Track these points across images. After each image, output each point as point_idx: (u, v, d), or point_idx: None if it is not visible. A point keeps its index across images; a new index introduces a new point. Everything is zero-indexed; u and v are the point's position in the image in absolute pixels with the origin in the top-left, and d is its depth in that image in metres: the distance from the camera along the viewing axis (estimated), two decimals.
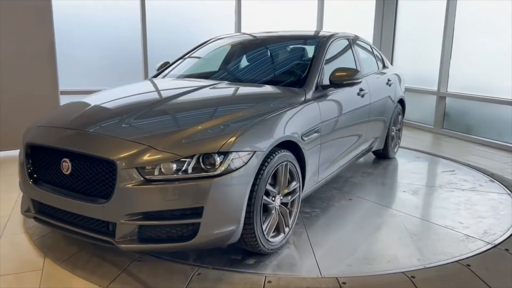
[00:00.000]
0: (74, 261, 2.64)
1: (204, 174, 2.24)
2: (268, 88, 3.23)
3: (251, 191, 2.40)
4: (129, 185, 2.20)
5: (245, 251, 2.65)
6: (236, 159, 2.32)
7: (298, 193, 2.87)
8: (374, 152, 4.97)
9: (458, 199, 3.74)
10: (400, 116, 5.17)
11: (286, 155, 2.67)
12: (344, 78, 3.28)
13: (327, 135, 3.21)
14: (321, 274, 2.47)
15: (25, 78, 5.14)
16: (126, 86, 3.46)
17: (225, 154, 2.29)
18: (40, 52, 5.17)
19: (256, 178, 2.42)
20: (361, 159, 5.00)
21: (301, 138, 2.83)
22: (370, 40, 8.39)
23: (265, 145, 2.48)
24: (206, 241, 2.31)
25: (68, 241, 2.85)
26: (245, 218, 2.40)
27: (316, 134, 3.03)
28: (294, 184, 2.81)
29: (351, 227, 3.13)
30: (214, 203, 2.25)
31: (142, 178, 2.21)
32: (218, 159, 2.27)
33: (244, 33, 4.33)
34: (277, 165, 2.59)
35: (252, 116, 2.60)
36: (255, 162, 2.40)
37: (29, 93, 5.17)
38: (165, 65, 4.16)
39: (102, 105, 2.91)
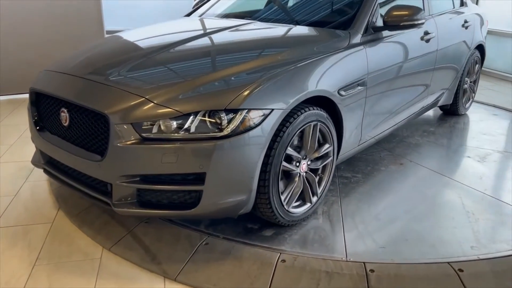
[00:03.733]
0: (83, 216, 2.49)
1: (207, 134, 1.90)
2: (305, 30, 2.73)
3: (267, 156, 2.03)
4: (124, 143, 1.92)
5: (264, 220, 2.33)
6: (248, 118, 1.94)
7: (331, 158, 2.45)
8: (440, 108, 4.30)
9: None
10: (477, 66, 4.38)
11: (316, 113, 2.23)
12: (402, 18, 2.67)
13: (376, 88, 2.69)
14: (346, 256, 2.10)
15: (71, 18, 5.03)
16: (147, 26, 3.12)
17: (234, 111, 1.92)
18: None
19: (273, 141, 2.04)
20: (424, 115, 4.36)
21: (338, 93, 2.36)
22: None
23: (287, 101, 2.06)
24: (211, 211, 2.01)
25: None
26: (259, 186, 2.06)
27: (360, 88, 2.53)
28: (326, 147, 2.39)
29: (395, 198, 2.68)
30: (219, 169, 1.91)
31: (139, 136, 1.92)
32: (225, 118, 1.91)
33: None
34: (303, 126, 2.17)
35: (274, 65, 2.17)
36: (273, 122, 2.00)
37: (75, 33, 5.08)
38: (201, 2, 3.75)
39: (110, 48, 2.62)
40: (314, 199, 2.41)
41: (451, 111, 4.29)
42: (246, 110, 1.93)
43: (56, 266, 2.10)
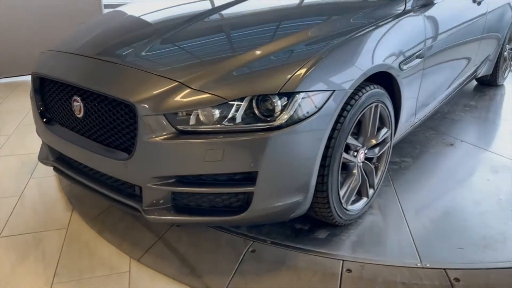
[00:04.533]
0: (103, 219, 2.16)
1: (258, 125, 1.54)
2: None
3: (326, 148, 1.68)
4: (156, 138, 1.57)
5: (314, 219, 2.00)
6: (306, 103, 1.58)
7: (388, 144, 2.11)
8: (477, 79, 3.93)
9: None
10: None
11: (377, 93, 1.88)
12: None
13: (432, 59, 2.32)
14: (420, 261, 1.78)
15: None
16: None
17: (289, 95, 1.56)
18: None
19: (333, 129, 1.69)
20: None
21: (399, 66, 2.00)
22: None
23: (350, 80, 1.71)
24: (262, 216, 1.68)
25: None
26: (317, 183, 1.72)
27: (418, 60, 2.16)
28: (384, 132, 2.05)
29: (458, 187, 2.34)
30: (273, 166, 1.57)
31: (173, 129, 1.57)
32: (278, 104, 1.55)
33: None
34: (364, 109, 1.82)
35: (327, 35, 1.80)
36: (334, 106, 1.65)
37: (71, 8, 4.64)
38: None
39: (121, 24, 2.23)
40: (371, 192, 2.08)
41: (489, 82, 3.93)
42: (304, 93, 1.57)
43: (79, 284, 1.78)
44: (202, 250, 1.90)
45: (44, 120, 2.01)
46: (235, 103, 1.55)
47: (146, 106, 1.55)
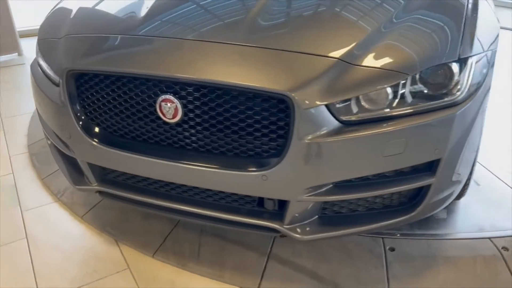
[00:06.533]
0: (174, 248, 1.67)
1: (441, 101, 1.24)
2: None
3: None
4: (318, 137, 1.17)
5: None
6: (479, 67, 1.32)
7: None
8: None
9: None
10: None
11: None
12: None
13: None
14: None
15: None
16: None
17: (462, 61, 1.28)
18: None
19: None
20: None
21: None
22: None
23: (494, 36, 1.49)
24: (428, 211, 1.41)
25: (141, 212, 1.83)
26: None
27: None
28: None
29: None
30: (454, 148, 1.29)
31: (337, 122, 1.19)
32: (457, 72, 1.26)
33: None
34: None
35: None
36: (489, 69, 1.42)
37: None
38: None
39: None
40: None
41: None
42: (476, 56, 1.31)
43: None
44: (333, 260, 1.57)
45: (95, 140, 1.40)
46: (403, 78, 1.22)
47: (307, 96, 1.14)
